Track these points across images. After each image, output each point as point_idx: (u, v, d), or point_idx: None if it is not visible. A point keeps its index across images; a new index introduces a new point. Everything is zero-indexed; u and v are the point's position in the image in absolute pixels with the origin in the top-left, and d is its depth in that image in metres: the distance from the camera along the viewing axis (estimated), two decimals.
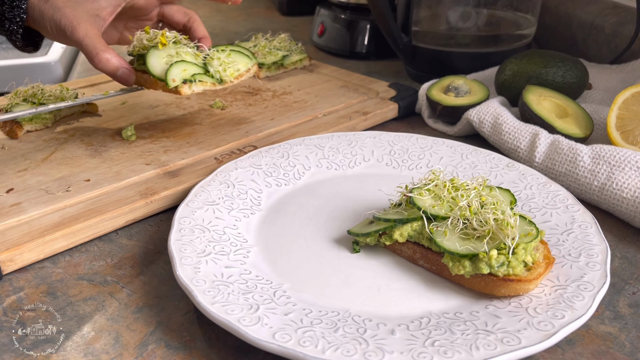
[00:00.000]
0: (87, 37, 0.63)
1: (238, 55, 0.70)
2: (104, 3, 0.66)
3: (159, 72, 0.65)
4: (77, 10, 0.64)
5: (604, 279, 0.46)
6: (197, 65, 0.66)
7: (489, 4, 0.93)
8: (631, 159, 0.60)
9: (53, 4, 0.63)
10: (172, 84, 0.63)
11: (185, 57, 0.66)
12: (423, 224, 0.50)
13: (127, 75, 0.66)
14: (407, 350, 0.41)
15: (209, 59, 0.67)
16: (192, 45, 0.68)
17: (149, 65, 0.65)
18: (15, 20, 0.64)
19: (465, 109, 0.78)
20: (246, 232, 0.56)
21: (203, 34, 0.75)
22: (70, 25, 0.63)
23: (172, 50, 0.66)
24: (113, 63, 0.64)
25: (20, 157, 0.69)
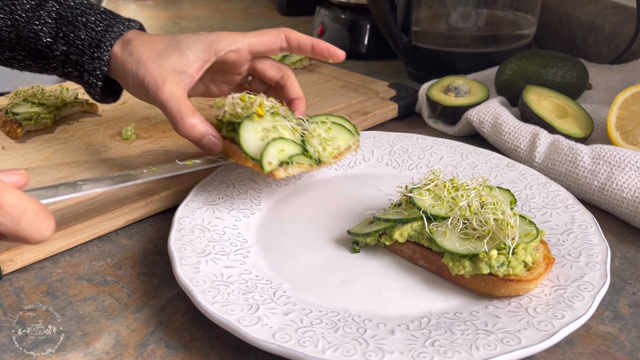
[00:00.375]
0: (172, 99, 0.57)
1: (339, 129, 0.61)
2: (192, 58, 0.59)
3: (252, 151, 0.55)
4: (162, 66, 0.58)
5: (604, 279, 0.46)
6: (295, 144, 0.56)
7: (489, 4, 0.93)
8: (631, 159, 0.60)
9: (137, 58, 0.58)
10: (268, 167, 0.53)
11: (283, 133, 0.56)
12: (423, 224, 0.50)
13: (214, 144, 0.58)
14: (407, 350, 0.41)
15: (307, 135, 0.58)
16: (291, 118, 0.59)
17: (241, 140, 0.55)
18: (95, 73, 0.60)
19: (465, 109, 0.78)
20: (246, 232, 0.56)
21: (297, 94, 0.66)
22: (154, 84, 0.57)
23: (269, 123, 0.57)
24: (199, 130, 0.57)
25: (20, 157, 0.69)
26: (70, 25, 0.59)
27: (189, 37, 0.60)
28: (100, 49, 0.59)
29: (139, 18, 1.56)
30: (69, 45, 0.59)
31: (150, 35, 0.61)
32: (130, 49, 0.59)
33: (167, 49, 0.59)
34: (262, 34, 0.62)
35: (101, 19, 0.60)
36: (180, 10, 1.66)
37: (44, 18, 0.58)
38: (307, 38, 0.63)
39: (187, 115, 0.56)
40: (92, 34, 0.59)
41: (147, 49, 0.59)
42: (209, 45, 0.60)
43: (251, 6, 1.70)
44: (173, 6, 1.71)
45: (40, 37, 0.59)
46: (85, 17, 0.59)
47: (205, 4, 1.74)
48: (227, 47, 0.60)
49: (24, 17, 0.58)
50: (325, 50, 0.63)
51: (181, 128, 0.57)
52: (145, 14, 1.61)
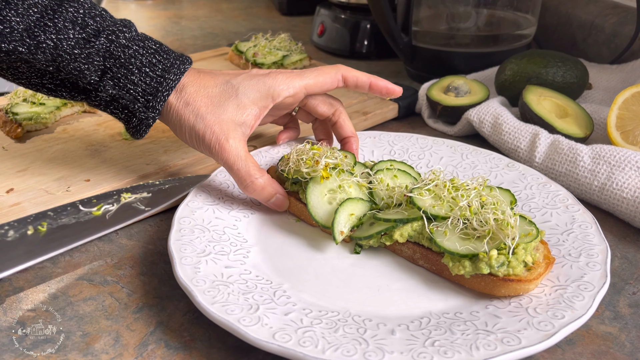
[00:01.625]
0: (239, 160, 0.55)
1: (404, 176, 0.59)
2: (250, 107, 0.57)
3: (322, 217, 0.54)
4: (222, 119, 0.55)
5: (604, 279, 0.46)
6: (363, 201, 0.55)
7: (489, 4, 0.93)
8: (631, 159, 0.60)
9: (195, 109, 0.55)
10: (340, 237, 0.52)
11: (349, 192, 0.56)
12: (423, 224, 0.50)
13: (282, 202, 0.58)
14: (407, 350, 0.41)
15: (374, 186, 0.57)
16: (356, 174, 0.57)
17: (309, 207, 0.55)
18: (148, 121, 0.56)
19: (465, 109, 0.78)
20: (246, 232, 0.56)
21: (351, 131, 0.65)
22: (216, 141, 0.55)
23: (335, 182, 0.56)
24: (269, 191, 0.56)
25: (20, 157, 0.69)
26: (122, 67, 0.54)
27: (245, 82, 0.58)
28: (157, 99, 0.55)
29: (139, 18, 1.56)
30: (119, 89, 0.54)
31: (204, 77, 0.58)
32: (185, 98, 0.56)
33: (223, 96, 0.57)
34: (320, 74, 0.60)
35: (156, 60, 0.55)
36: (180, 10, 1.66)
37: (92, 57, 0.53)
38: (365, 77, 0.61)
39: (257, 177, 0.56)
40: (147, 80, 0.55)
41: (204, 98, 0.56)
42: (266, 92, 0.58)
43: (251, 6, 1.70)
44: (173, 6, 1.71)
45: (86, 76, 0.54)
46: (139, 58, 0.55)
47: (205, 4, 1.74)
48: (285, 92, 0.58)
49: (69, 52, 0.52)
50: (384, 89, 0.62)
51: (251, 191, 0.56)
52: (145, 14, 1.61)
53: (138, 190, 0.57)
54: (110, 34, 0.54)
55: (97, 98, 0.56)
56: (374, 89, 0.62)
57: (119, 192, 0.56)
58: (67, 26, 0.52)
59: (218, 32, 1.40)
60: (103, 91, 0.54)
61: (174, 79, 0.55)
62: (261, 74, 0.59)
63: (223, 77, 0.58)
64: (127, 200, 0.55)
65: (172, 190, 0.58)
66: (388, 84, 0.62)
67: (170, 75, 0.55)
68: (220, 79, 0.58)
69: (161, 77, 0.55)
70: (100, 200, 0.55)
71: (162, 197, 0.56)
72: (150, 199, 0.56)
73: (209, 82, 0.57)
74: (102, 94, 0.55)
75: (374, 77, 0.62)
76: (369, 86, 0.62)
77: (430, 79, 0.88)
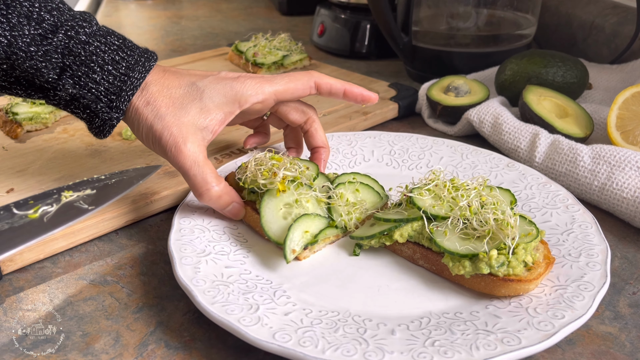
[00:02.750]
0: (195, 166, 0.52)
1: (366, 190, 0.58)
2: (215, 111, 0.54)
3: (275, 233, 0.52)
4: (182, 121, 0.53)
5: (604, 279, 0.46)
6: (319, 217, 0.53)
7: (489, 4, 0.93)
8: (631, 159, 0.60)
9: (155, 109, 0.53)
10: (291, 256, 0.50)
11: (306, 207, 0.54)
12: (423, 224, 0.50)
13: (237, 210, 0.56)
14: (407, 350, 0.41)
15: (333, 202, 0.55)
16: (315, 187, 0.55)
17: (263, 220, 0.52)
18: (111, 122, 0.53)
19: (465, 109, 0.78)
20: (246, 232, 0.56)
21: (322, 142, 0.62)
22: (173, 144, 0.52)
23: (292, 196, 0.54)
24: (225, 200, 0.54)
25: (20, 157, 0.69)
26: (82, 65, 0.51)
27: (211, 85, 0.55)
28: (121, 98, 0.52)
29: (139, 18, 1.56)
30: (80, 87, 0.51)
31: (169, 77, 0.55)
32: (147, 97, 0.53)
33: (187, 98, 0.54)
34: (291, 81, 0.58)
35: (119, 58, 0.52)
36: (180, 10, 1.66)
37: (50, 54, 0.49)
38: (339, 85, 0.59)
39: (213, 185, 0.53)
40: (110, 78, 0.52)
41: (165, 99, 0.53)
42: (233, 97, 0.55)
43: (251, 6, 1.70)
44: (173, 6, 1.71)
45: (43, 74, 0.50)
46: (101, 55, 0.51)
47: (205, 4, 1.74)
48: (253, 98, 0.56)
49: (24, 50, 0.48)
50: (359, 96, 0.60)
51: (207, 199, 0.53)
52: (145, 14, 1.61)
53: (81, 188, 0.51)
54: (69, 29, 0.50)
55: (55, 97, 0.52)
56: (348, 97, 0.60)
57: (59, 190, 0.50)
58: (21, 22, 0.48)
59: (218, 32, 1.40)
60: (62, 90, 0.51)
61: (138, 77, 0.53)
62: (230, 77, 0.56)
63: (189, 79, 0.56)
64: (69, 200, 0.50)
65: (119, 185, 0.52)
66: (363, 91, 0.60)
67: (135, 74, 0.52)
68: (186, 80, 0.55)
69: (125, 75, 0.52)
70: (38, 201, 0.49)
71: (107, 194, 0.51)
72: (94, 197, 0.50)
73: (174, 82, 0.55)
74: (61, 93, 0.52)
75: (349, 84, 0.60)
76: (344, 93, 0.59)
77: (430, 79, 0.88)
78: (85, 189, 0.51)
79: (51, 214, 0.47)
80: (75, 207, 0.49)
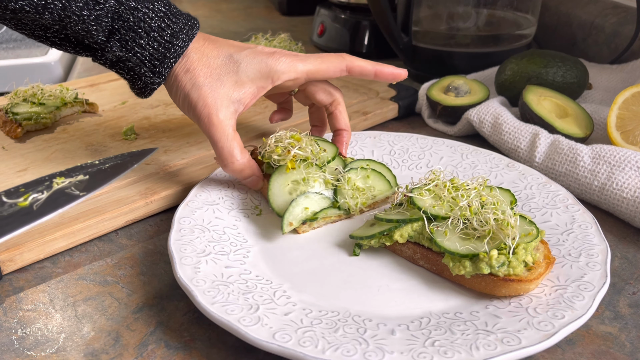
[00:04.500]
0: (224, 137, 0.55)
1: (377, 178, 0.59)
2: (248, 85, 0.56)
3: (278, 206, 0.56)
4: (217, 92, 0.55)
5: (604, 279, 0.46)
6: (323, 198, 0.56)
7: (489, 4, 0.93)
8: (631, 159, 0.60)
9: (193, 78, 0.55)
10: (288, 229, 0.54)
11: (312, 187, 0.56)
12: (423, 224, 0.50)
13: (256, 182, 0.59)
14: (407, 350, 0.41)
15: (341, 184, 0.57)
16: (324, 169, 0.58)
17: (270, 192, 0.56)
18: (153, 86, 0.56)
19: (465, 109, 0.78)
20: (246, 232, 0.56)
21: (344, 124, 0.65)
22: (206, 114, 0.55)
23: (300, 175, 0.56)
24: (246, 173, 0.58)
25: (20, 157, 0.69)
26: (130, 30, 0.53)
27: (247, 58, 0.57)
28: (164, 65, 0.55)
29: None
30: (127, 51, 0.54)
31: (209, 46, 0.57)
32: (187, 65, 0.56)
33: (223, 69, 0.56)
34: (323, 61, 0.59)
35: (165, 25, 0.54)
36: None
37: (101, 18, 0.52)
38: (370, 66, 0.60)
39: (238, 159, 0.56)
40: (155, 45, 0.54)
41: (204, 68, 0.56)
42: (267, 73, 0.57)
43: (251, 6, 1.70)
44: None
45: (93, 36, 0.53)
46: (148, 22, 0.53)
47: (205, 4, 1.74)
48: (286, 75, 0.58)
49: (77, 14, 0.51)
50: (389, 75, 0.61)
51: (230, 170, 0.57)
52: None
53: (74, 173, 0.50)
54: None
55: (102, 57, 0.55)
56: (380, 77, 0.61)
57: (51, 177, 0.50)
58: None
59: (218, 32, 1.40)
60: (109, 52, 0.54)
61: (182, 45, 0.55)
62: (265, 52, 0.58)
63: (227, 49, 0.57)
64: (60, 186, 0.49)
65: (113, 170, 0.52)
66: (393, 70, 0.61)
67: (179, 42, 0.55)
68: (224, 51, 0.57)
69: (169, 42, 0.54)
70: (29, 188, 0.48)
71: (101, 179, 0.50)
72: (87, 182, 0.49)
73: (213, 51, 0.57)
74: (108, 54, 0.54)
75: (379, 65, 0.61)
76: (374, 74, 0.61)
77: (430, 79, 0.88)
78: (77, 175, 0.50)
79: (41, 201, 0.46)
80: (67, 193, 0.48)
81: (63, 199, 0.47)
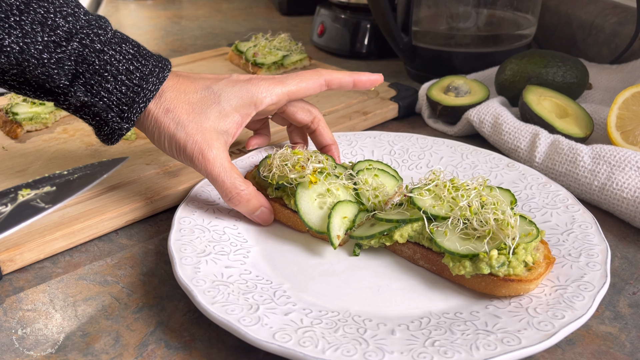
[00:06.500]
0: (223, 172, 0.53)
1: (383, 175, 0.60)
2: (232, 115, 0.55)
3: (315, 223, 0.54)
4: (204, 127, 0.53)
5: (604, 279, 0.46)
6: (352, 203, 0.55)
7: (489, 4, 0.93)
8: (631, 159, 0.60)
9: (175, 117, 0.53)
10: (338, 242, 0.52)
11: (338, 195, 0.56)
12: (423, 224, 0.50)
13: (267, 215, 0.56)
14: (407, 350, 0.41)
15: (360, 187, 0.57)
16: (342, 176, 0.57)
17: (301, 212, 0.54)
18: (121, 132, 0.53)
19: (465, 109, 0.78)
20: (246, 232, 0.56)
21: (330, 139, 0.64)
22: (199, 153, 0.52)
23: (322, 187, 0.55)
24: (254, 204, 0.55)
25: (20, 157, 0.69)
26: (95, 74, 0.50)
27: (226, 88, 0.56)
28: (133, 110, 0.52)
29: (139, 18, 1.56)
30: (92, 96, 0.51)
31: (184, 82, 0.55)
32: (165, 105, 0.53)
33: (205, 103, 0.55)
34: (302, 80, 0.59)
35: (134, 67, 0.51)
36: (180, 10, 1.66)
37: (63, 62, 0.49)
38: (347, 77, 0.61)
39: (242, 189, 0.54)
40: (123, 89, 0.51)
41: (184, 105, 0.54)
42: (249, 99, 0.56)
43: (251, 6, 1.70)
44: (173, 6, 1.71)
45: (54, 80, 0.49)
46: (115, 65, 0.51)
47: (205, 4, 1.74)
48: (268, 99, 0.57)
49: (36, 57, 0.47)
50: (367, 82, 0.62)
51: (236, 203, 0.54)
52: (145, 14, 1.61)
53: (41, 185, 0.48)
54: (84, 37, 0.49)
55: (65, 102, 0.52)
56: (358, 86, 0.62)
57: (17, 189, 0.48)
58: (35, 28, 0.47)
59: (218, 32, 1.40)
60: (73, 97, 0.51)
61: (152, 89, 0.52)
62: (242, 79, 0.57)
63: (203, 82, 0.56)
64: (25, 198, 0.47)
65: (81, 181, 0.49)
66: (370, 76, 0.62)
67: (149, 85, 0.52)
68: (201, 84, 0.56)
69: (138, 86, 0.52)
70: None
71: (68, 190, 0.48)
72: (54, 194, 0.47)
73: (189, 87, 0.55)
74: (72, 99, 0.51)
75: (355, 74, 0.62)
76: (353, 84, 0.62)
77: (430, 79, 0.88)
78: (44, 186, 0.48)
79: (5, 214, 0.45)
80: (32, 206, 0.46)
81: (27, 212, 0.45)
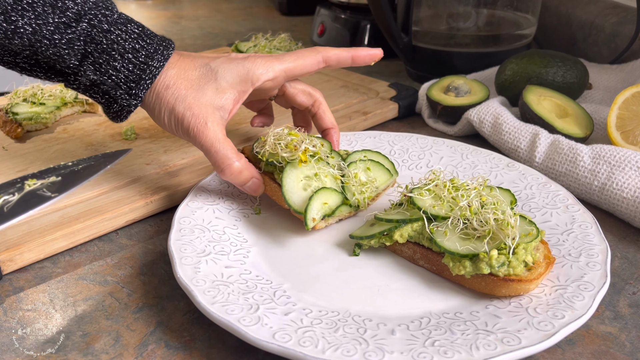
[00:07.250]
0: (217, 143, 0.54)
1: (377, 167, 0.60)
2: (229, 91, 0.56)
3: (295, 202, 0.54)
4: (201, 102, 0.54)
5: (604, 279, 0.46)
6: (337, 193, 0.56)
7: (489, 4, 0.93)
8: (631, 159, 0.60)
9: (175, 92, 0.54)
10: (312, 224, 0.53)
11: (324, 181, 0.56)
12: (423, 224, 0.50)
13: (257, 186, 0.57)
14: (407, 350, 0.41)
15: (347, 181, 0.57)
16: (333, 164, 0.58)
17: (284, 189, 0.54)
18: (129, 108, 0.55)
19: (465, 109, 0.78)
20: (246, 232, 0.56)
21: (331, 123, 0.64)
22: (195, 125, 0.54)
23: (312, 170, 0.56)
24: (245, 175, 0.56)
25: (20, 157, 0.69)
26: (103, 53, 0.52)
27: (223, 65, 0.57)
28: (140, 86, 0.54)
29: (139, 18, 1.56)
30: (101, 74, 0.53)
31: (184, 60, 0.57)
32: (166, 81, 0.55)
33: (202, 79, 0.56)
34: (299, 57, 0.59)
35: (139, 46, 0.53)
36: (180, 10, 1.66)
37: (73, 42, 0.51)
38: (345, 53, 0.60)
39: (234, 161, 0.54)
40: (130, 66, 0.53)
41: (184, 81, 0.55)
42: (245, 75, 0.57)
43: (251, 6, 1.70)
44: (173, 6, 1.71)
45: (65, 60, 0.51)
46: (121, 44, 0.53)
47: (205, 4, 1.74)
48: (264, 75, 0.57)
49: (48, 38, 0.49)
50: (366, 56, 0.61)
51: (228, 174, 0.55)
52: (145, 14, 1.61)
53: (46, 175, 0.50)
54: (92, 17, 0.51)
55: (75, 82, 0.54)
56: (357, 61, 0.61)
57: (23, 179, 0.50)
58: (46, 10, 0.49)
59: (218, 32, 1.40)
60: (83, 76, 0.53)
61: (157, 65, 0.54)
62: (240, 57, 0.58)
63: (202, 60, 0.57)
64: (32, 188, 0.49)
65: (86, 171, 0.51)
66: (369, 51, 0.62)
67: (154, 62, 0.54)
68: (200, 62, 0.57)
69: (144, 63, 0.53)
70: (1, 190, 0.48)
71: (73, 180, 0.50)
72: (59, 184, 0.49)
73: (189, 65, 0.56)
74: (82, 79, 0.53)
75: (354, 50, 0.61)
76: (352, 59, 0.61)
77: (430, 79, 0.88)
78: (50, 176, 0.50)
79: (12, 203, 0.47)
80: (38, 195, 0.48)
81: (34, 200, 0.47)
